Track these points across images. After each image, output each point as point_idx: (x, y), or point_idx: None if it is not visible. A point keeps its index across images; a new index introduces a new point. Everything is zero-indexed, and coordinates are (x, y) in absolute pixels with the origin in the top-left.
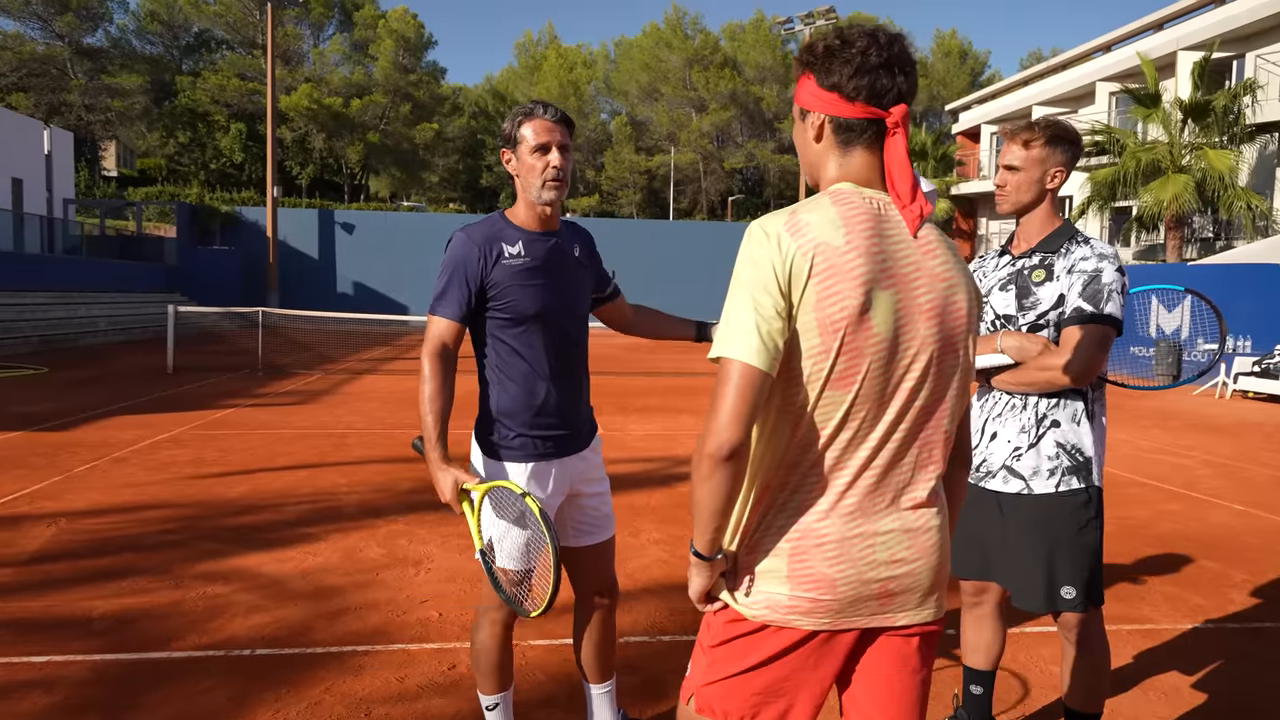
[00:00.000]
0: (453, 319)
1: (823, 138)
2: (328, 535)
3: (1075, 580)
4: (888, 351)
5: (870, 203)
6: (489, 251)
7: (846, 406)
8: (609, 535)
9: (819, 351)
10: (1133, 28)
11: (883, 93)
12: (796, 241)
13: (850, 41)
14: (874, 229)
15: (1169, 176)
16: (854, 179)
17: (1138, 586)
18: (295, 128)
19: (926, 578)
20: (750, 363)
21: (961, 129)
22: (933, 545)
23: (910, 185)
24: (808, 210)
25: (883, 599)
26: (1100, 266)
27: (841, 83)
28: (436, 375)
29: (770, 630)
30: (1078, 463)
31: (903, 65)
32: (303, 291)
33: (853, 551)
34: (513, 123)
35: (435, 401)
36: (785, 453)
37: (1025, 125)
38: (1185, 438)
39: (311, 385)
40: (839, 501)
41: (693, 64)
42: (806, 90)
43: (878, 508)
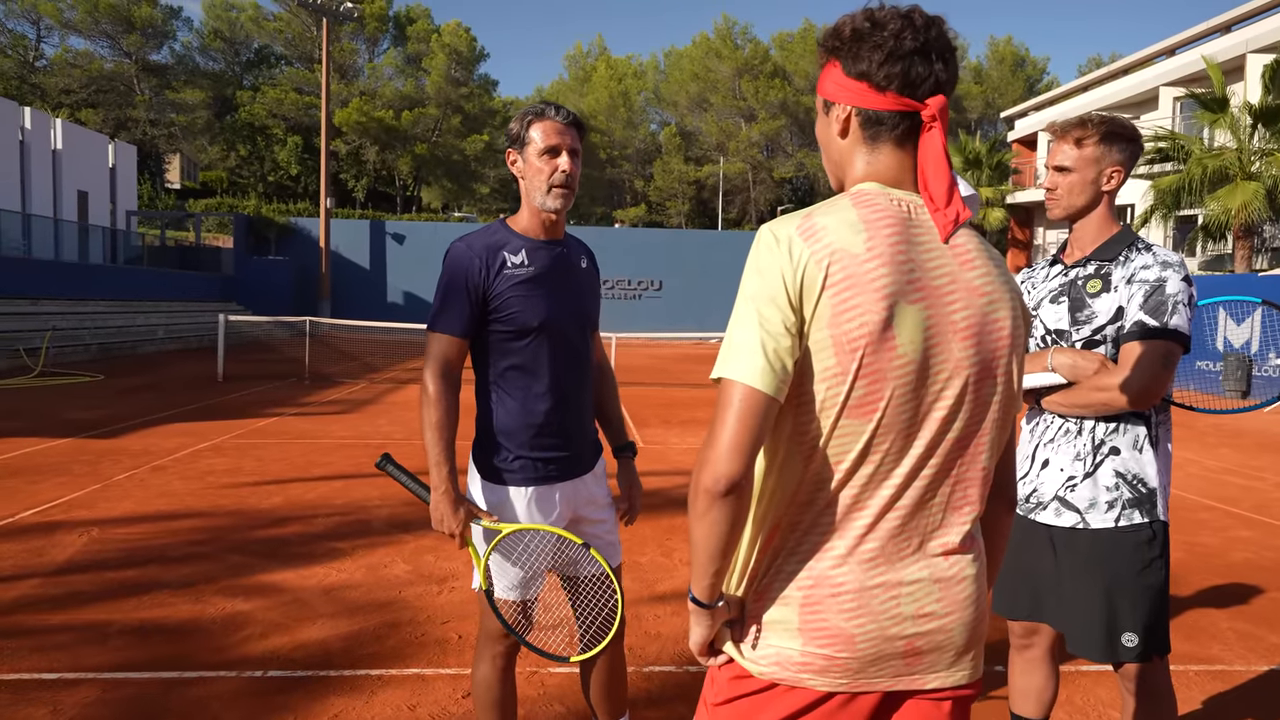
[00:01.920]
0: (455, 334)
1: (849, 132)
2: (355, 550)
3: (1137, 626)
4: (915, 375)
5: (898, 205)
6: (490, 261)
7: (867, 438)
8: (615, 564)
9: (834, 374)
10: (1198, 30)
11: (918, 81)
12: (810, 247)
13: (881, 24)
14: (901, 235)
15: (1237, 184)
16: (882, 178)
17: (1206, 622)
18: (349, 140)
19: (960, 635)
20: (754, 385)
21: (1017, 136)
22: (967, 597)
23: (946, 186)
24: (825, 213)
25: (909, 658)
26: (1164, 276)
27: (871, 70)
28: (442, 397)
29: (780, 690)
30: (1140, 494)
31: (941, 51)
32: (354, 301)
33: (874, 604)
34: (521, 122)
35: (442, 426)
36: (797, 489)
37: (1077, 122)
38: (1257, 458)
39: (355, 394)
40: (858, 546)
41: (742, 74)
42: (832, 79)
43: (903, 554)
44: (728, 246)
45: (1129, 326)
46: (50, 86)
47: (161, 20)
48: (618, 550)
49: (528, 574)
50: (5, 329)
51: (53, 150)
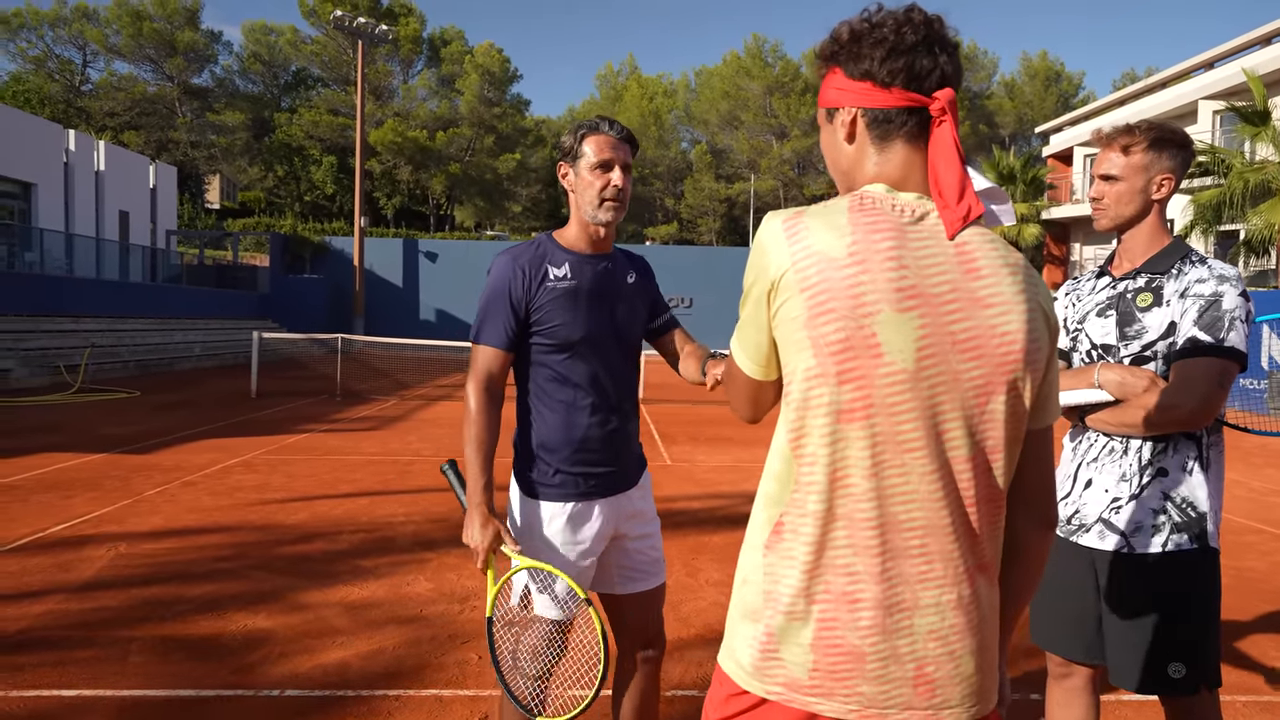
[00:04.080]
0: (499, 347)
1: (855, 136)
2: (378, 567)
3: (1184, 655)
4: (909, 387)
5: (899, 210)
6: (534, 274)
7: (866, 448)
8: (658, 582)
9: (816, 374)
10: (1238, 43)
11: (923, 75)
12: (791, 248)
13: (880, 23)
14: (895, 239)
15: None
16: (891, 180)
17: (1254, 650)
18: (383, 160)
19: (968, 662)
20: (743, 369)
21: (1052, 152)
22: (977, 623)
23: (957, 182)
24: (816, 213)
25: (920, 687)
26: (1220, 290)
27: (874, 68)
28: (484, 411)
29: (775, 706)
30: (1189, 519)
31: (943, 43)
32: (387, 318)
33: (887, 622)
34: (574, 136)
35: (482, 440)
36: (802, 495)
37: (1124, 129)
38: None
39: (386, 411)
40: (875, 563)
41: (773, 91)
42: (833, 86)
43: (917, 575)
44: None
45: (1182, 343)
46: (95, 110)
47: (203, 44)
48: (661, 568)
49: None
50: (47, 346)
51: (96, 171)
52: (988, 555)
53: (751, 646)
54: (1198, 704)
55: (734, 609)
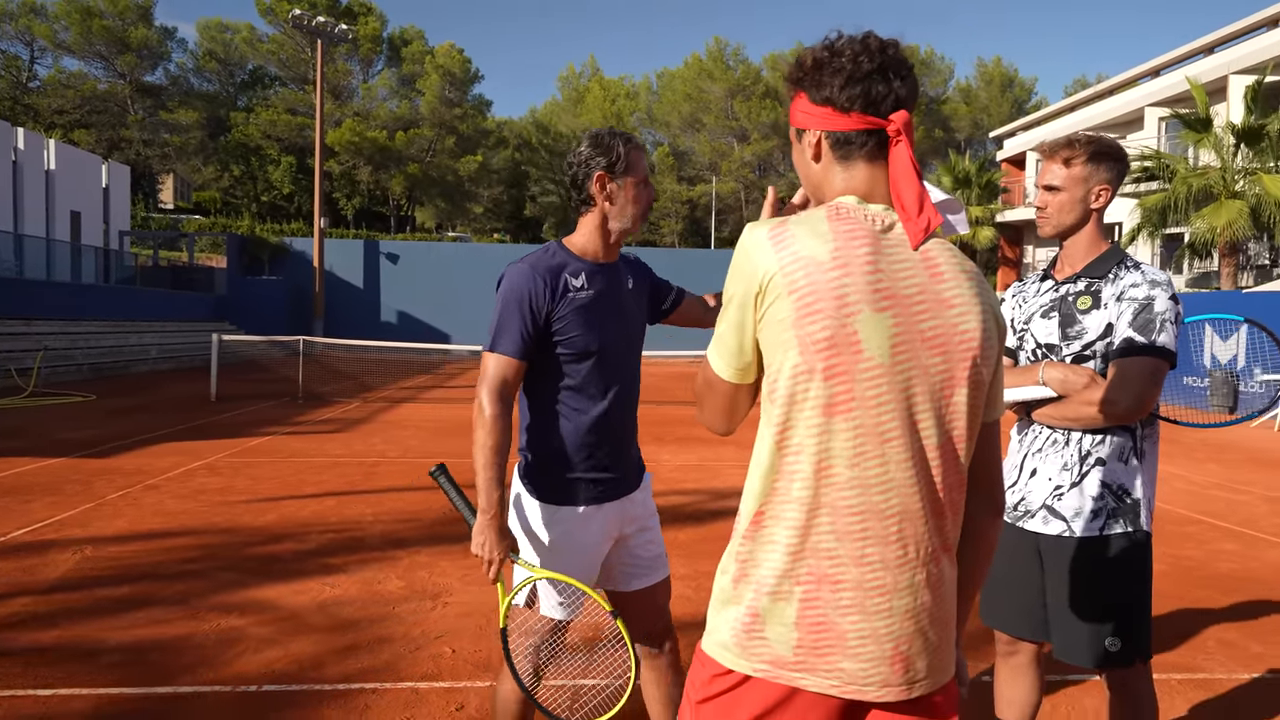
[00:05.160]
0: (515, 356)
1: (821, 155)
2: (348, 566)
3: (1120, 631)
4: (886, 380)
5: (870, 219)
6: (555, 284)
7: (850, 439)
8: (661, 576)
9: (802, 371)
10: (1182, 52)
11: (879, 99)
12: (778, 254)
13: (839, 51)
14: (871, 246)
15: (1222, 202)
16: (858, 193)
17: (1191, 633)
18: (342, 161)
19: (934, 636)
20: (721, 375)
21: (1006, 156)
22: (945, 600)
23: (916, 197)
24: (799, 221)
25: (895, 664)
26: (1153, 294)
27: (834, 95)
28: (499, 420)
29: (757, 682)
30: (1125, 504)
31: (898, 70)
32: (348, 320)
33: (868, 603)
34: (625, 149)
35: (497, 449)
36: (786, 484)
37: (1064, 142)
38: (1243, 472)
39: (349, 413)
40: (847, 546)
41: (734, 94)
42: (800, 109)
43: (892, 559)
44: (721, 265)
45: (1118, 343)
46: (43, 107)
47: (156, 41)
48: (664, 563)
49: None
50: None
51: (46, 170)
52: (951, 537)
53: (735, 627)
54: (1132, 675)
55: (716, 597)
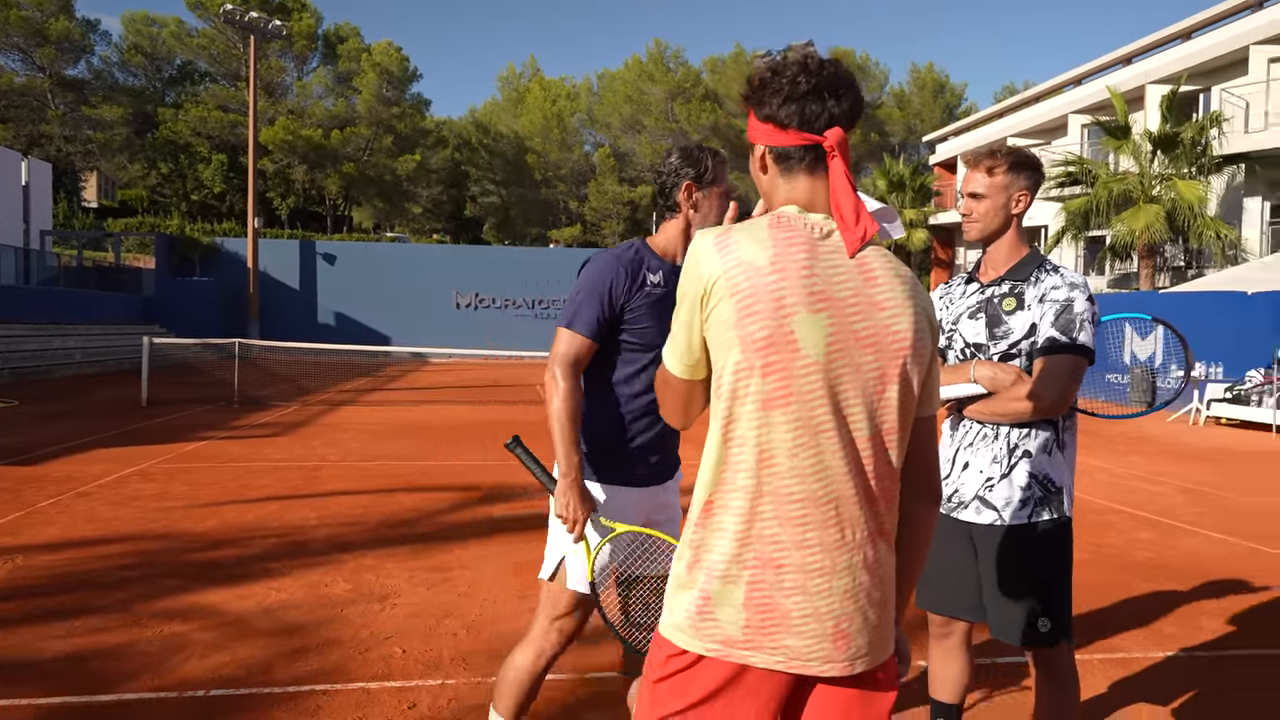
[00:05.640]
0: (589, 336)
1: (767, 168)
2: (293, 570)
3: (1048, 613)
4: (821, 377)
5: (809, 227)
6: (635, 276)
7: (789, 431)
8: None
9: (744, 368)
10: (1102, 62)
11: (813, 118)
12: (721, 259)
13: (781, 71)
14: (807, 251)
15: (1140, 206)
16: (800, 203)
17: (1111, 616)
18: (276, 159)
19: (874, 615)
20: (674, 372)
21: (939, 160)
22: (882, 582)
23: (852, 208)
24: (742, 229)
25: (838, 640)
26: (1072, 296)
27: (774, 112)
28: (574, 392)
29: (710, 661)
30: (1049, 493)
31: (834, 89)
32: (283, 322)
33: (810, 584)
34: (713, 163)
35: (574, 418)
36: (732, 474)
37: (987, 152)
38: (1160, 464)
39: (288, 417)
40: (796, 532)
41: (675, 97)
42: (751, 124)
43: (833, 541)
44: None
45: (1042, 342)
46: None
47: (78, 34)
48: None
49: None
50: None
51: None
52: (887, 523)
53: (689, 610)
54: (1057, 654)
55: (672, 582)
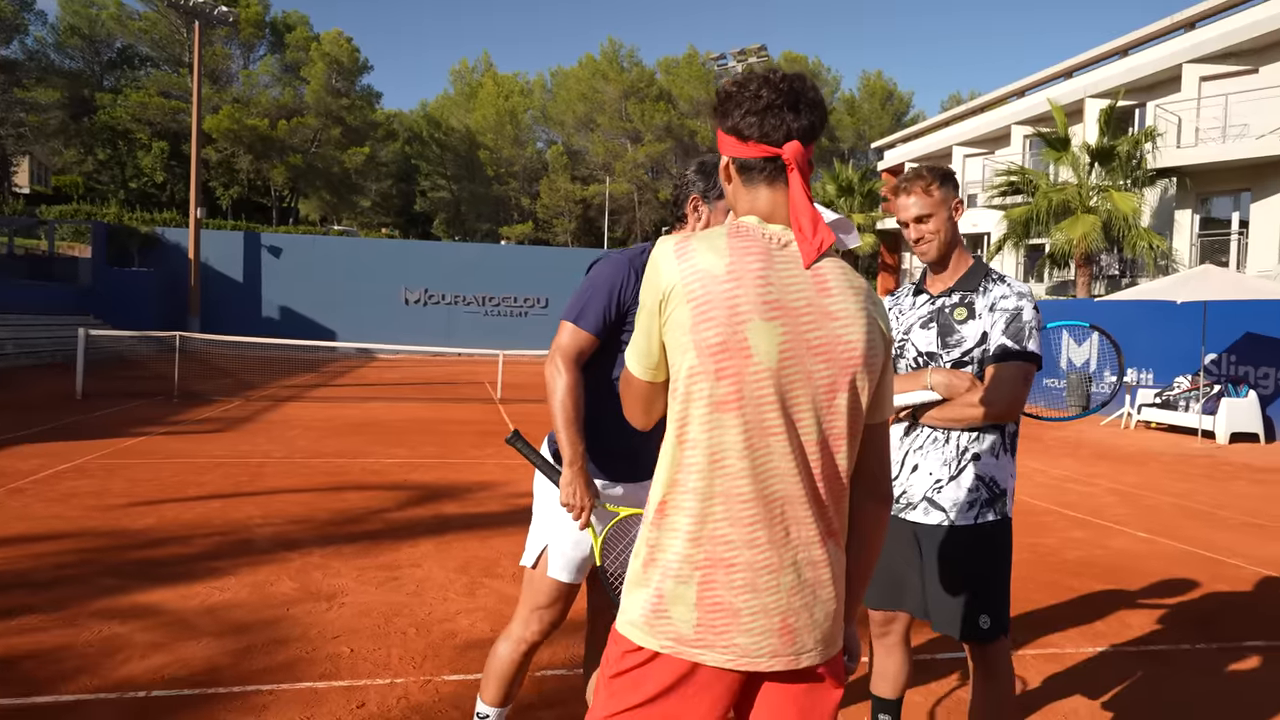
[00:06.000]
0: (593, 333)
1: (732, 178)
2: (237, 569)
3: (988, 610)
4: (772, 382)
5: (767, 238)
6: (641, 277)
7: (739, 434)
8: None
9: (699, 372)
10: (1044, 75)
11: (772, 131)
12: (679, 265)
13: (745, 85)
14: (764, 261)
15: (1078, 216)
16: (760, 214)
17: (1045, 613)
18: (220, 148)
19: (820, 612)
20: (635, 373)
21: (887, 166)
22: (829, 581)
23: (809, 219)
24: (701, 238)
25: (784, 635)
26: (1020, 305)
27: (737, 124)
28: (578, 384)
29: (665, 658)
30: (995, 494)
31: (794, 104)
32: (226, 316)
33: (758, 581)
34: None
35: (578, 408)
36: (685, 475)
37: (915, 175)
38: (1093, 466)
39: (230, 413)
40: (746, 531)
41: (628, 96)
42: (718, 136)
43: (782, 540)
44: None
45: (993, 349)
46: None
47: (11, 13)
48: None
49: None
50: None
51: None
52: (835, 524)
53: (645, 608)
54: (996, 650)
55: (628, 579)
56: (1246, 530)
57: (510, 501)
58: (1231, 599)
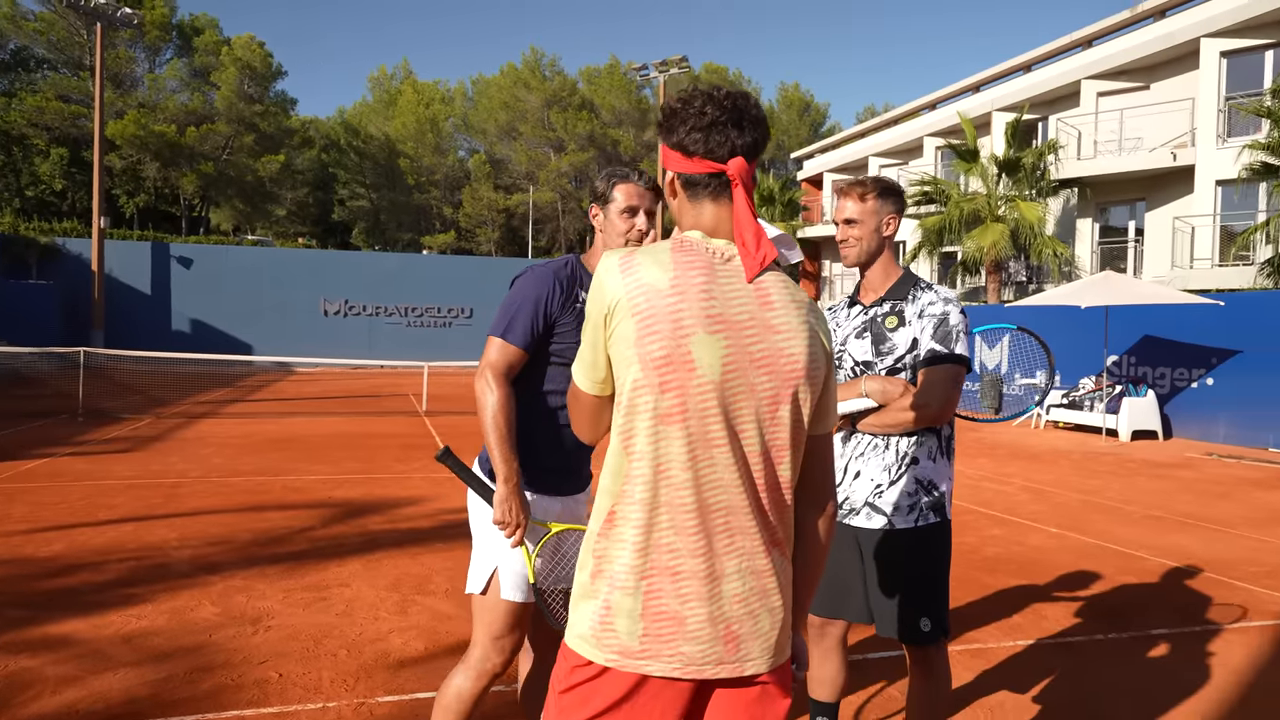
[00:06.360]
0: (522, 346)
1: (677, 193)
2: (154, 595)
3: (929, 612)
4: (716, 394)
5: (711, 252)
6: (567, 290)
7: (683, 445)
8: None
9: (643, 385)
10: (954, 89)
11: (716, 148)
12: (624, 280)
13: (690, 102)
14: (707, 275)
15: (988, 225)
16: (705, 229)
17: (968, 610)
18: (125, 155)
19: (765, 620)
20: (582, 387)
21: (805, 176)
22: (773, 589)
23: (753, 234)
24: (645, 252)
25: (729, 644)
26: (947, 310)
27: (682, 140)
28: (509, 399)
29: (613, 673)
30: (934, 498)
31: (738, 121)
32: (133, 330)
33: (703, 590)
34: (606, 183)
35: (510, 425)
36: (631, 486)
37: (857, 182)
38: (1007, 465)
39: (140, 431)
40: (691, 541)
41: (551, 105)
42: (663, 151)
43: (725, 549)
44: None
45: (923, 355)
46: None
47: None
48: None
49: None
50: None
51: None
52: (779, 533)
53: (592, 620)
54: (935, 651)
55: (576, 592)
56: (1149, 523)
57: (440, 517)
58: (1139, 590)
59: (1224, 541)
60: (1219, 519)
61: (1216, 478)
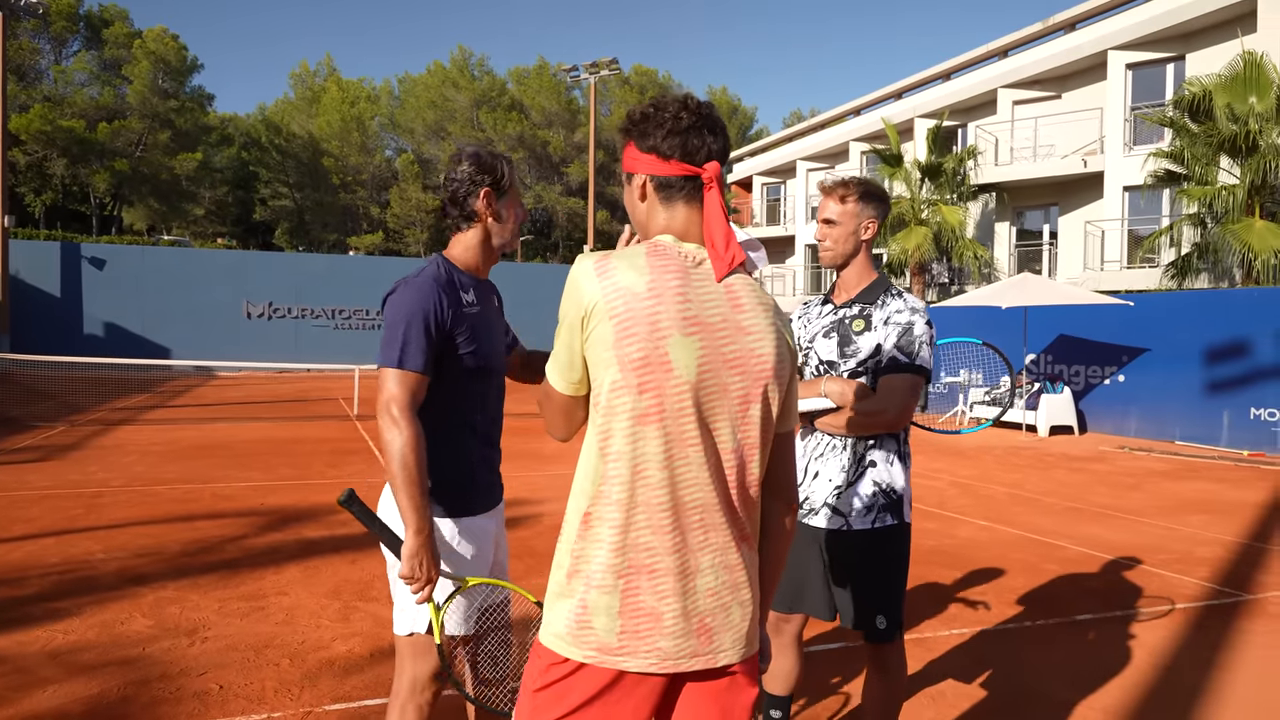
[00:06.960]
0: (423, 371)
1: (647, 196)
2: (81, 609)
3: (886, 611)
4: (692, 394)
5: (684, 256)
6: (451, 298)
7: (660, 444)
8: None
9: (621, 386)
10: (878, 95)
11: (694, 151)
12: (601, 283)
13: (663, 108)
14: (682, 279)
15: (912, 228)
16: (676, 232)
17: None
18: (30, 151)
19: (736, 613)
20: (556, 387)
21: (735, 179)
22: (743, 583)
23: (724, 236)
24: (621, 256)
25: (702, 636)
26: (912, 320)
27: (658, 144)
28: (419, 438)
29: (589, 669)
30: (891, 500)
31: (712, 127)
32: (42, 334)
33: (678, 586)
34: (508, 170)
35: (422, 468)
36: (608, 487)
37: (840, 182)
38: (936, 461)
39: (54, 439)
40: (668, 538)
41: (480, 105)
42: (629, 155)
43: (699, 545)
44: None
45: (885, 361)
46: None
47: None
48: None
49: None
50: None
51: None
52: (748, 529)
53: (569, 619)
54: (890, 649)
55: (551, 591)
56: (1068, 514)
57: None
58: (1063, 578)
59: (1136, 530)
60: (1132, 509)
61: (1128, 470)
